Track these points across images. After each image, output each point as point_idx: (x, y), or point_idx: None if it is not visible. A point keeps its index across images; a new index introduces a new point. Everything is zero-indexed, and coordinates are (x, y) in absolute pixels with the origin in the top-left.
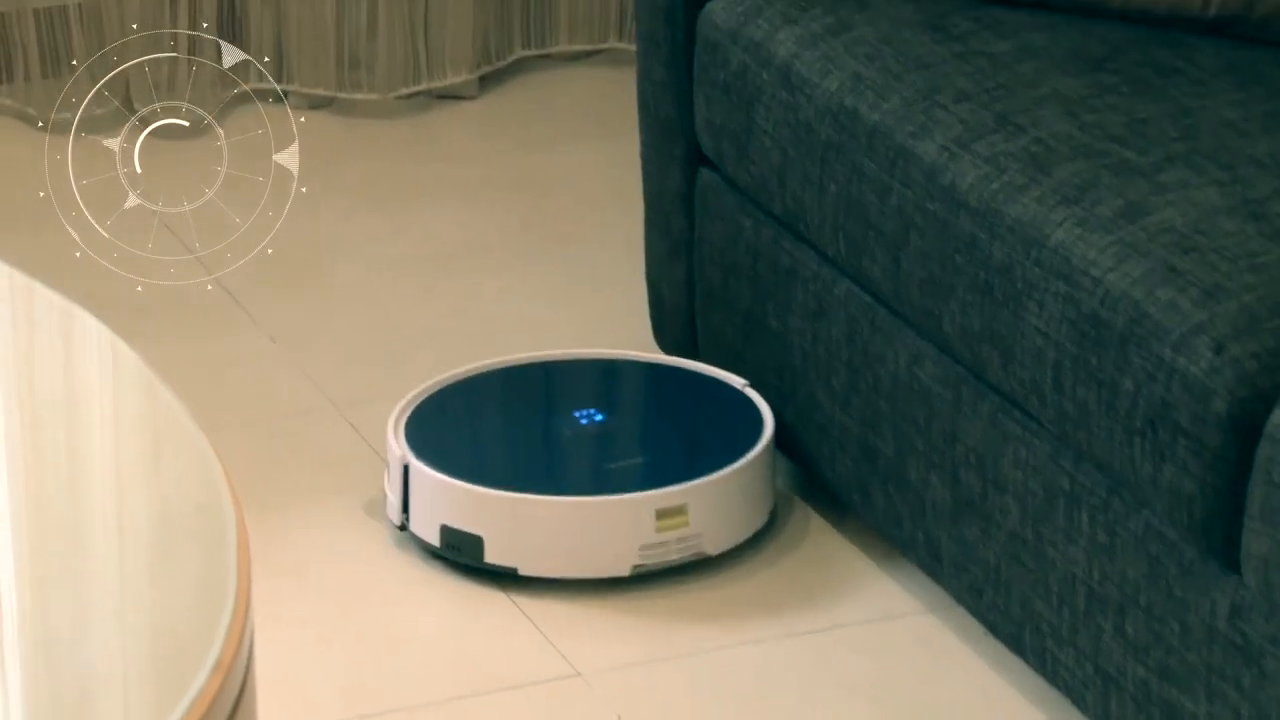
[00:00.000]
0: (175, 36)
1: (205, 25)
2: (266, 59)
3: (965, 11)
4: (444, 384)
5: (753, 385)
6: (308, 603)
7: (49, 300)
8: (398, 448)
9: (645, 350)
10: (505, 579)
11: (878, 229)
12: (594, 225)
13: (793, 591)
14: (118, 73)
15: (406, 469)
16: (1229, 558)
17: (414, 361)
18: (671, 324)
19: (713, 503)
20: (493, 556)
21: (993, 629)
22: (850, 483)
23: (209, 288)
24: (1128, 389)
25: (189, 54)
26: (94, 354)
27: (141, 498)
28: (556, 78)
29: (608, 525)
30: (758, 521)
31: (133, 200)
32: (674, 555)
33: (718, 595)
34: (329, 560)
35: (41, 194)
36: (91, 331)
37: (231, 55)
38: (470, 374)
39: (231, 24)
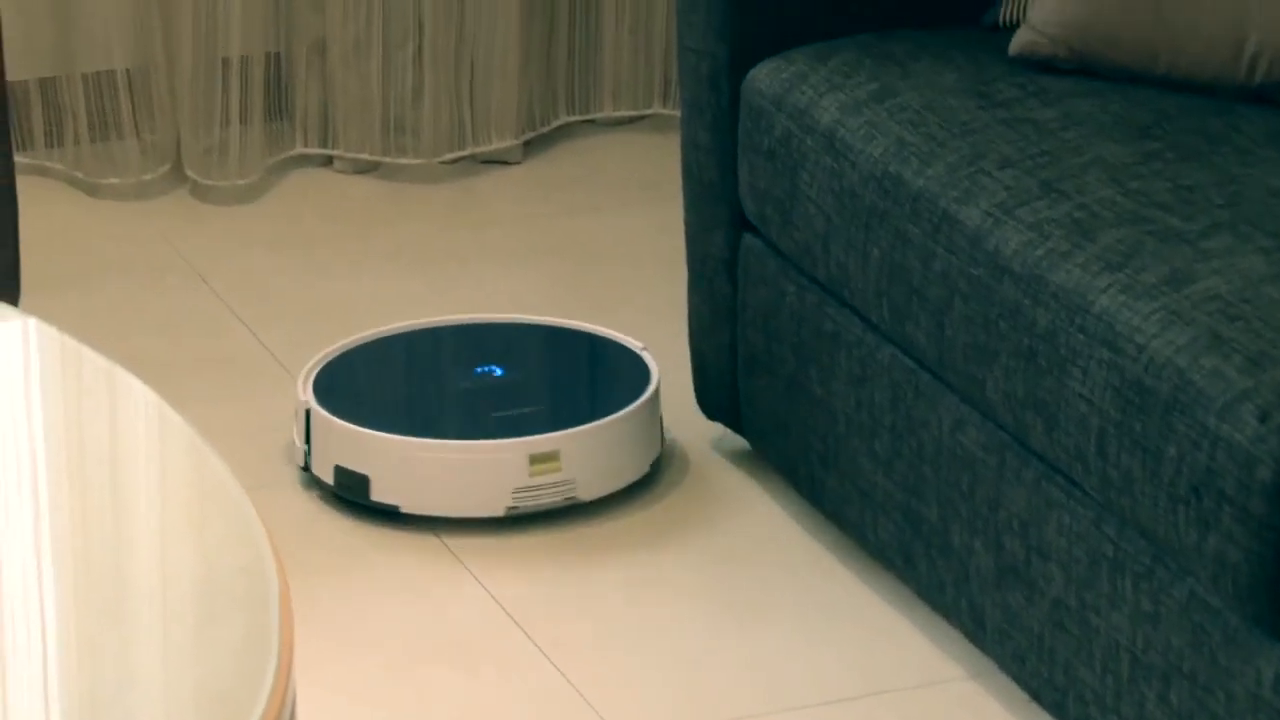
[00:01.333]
0: (224, 101)
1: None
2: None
3: (1010, 78)
4: (356, 343)
5: (796, 450)
6: (350, 663)
7: (95, 363)
8: (303, 395)
9: (693, 420)
10: (392, 516)
11: (921, 295)
12: (637, 290)
13: (835, 652)
14: (166, 137)
15: (308, 414)
16: (1274, 626)
17: None
18: (714, 389)
19: (586, 450)
20: (378, 495)
21: (1036, 696)
22: (893, 548)
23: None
24: (1172, 456)
25: (237, 119)
26: (139, 416)
27: (185, 559)
28: (600, 143)
29: (483, 468)
30: (634, 472)
31: (180, 264)
32: (547, 499)
33: (748, 654)
34: (370, 622)
35: (89, 256)
36: (137, 393)
37: (279, 120)
38: (381, 334)
39: (279, 89)
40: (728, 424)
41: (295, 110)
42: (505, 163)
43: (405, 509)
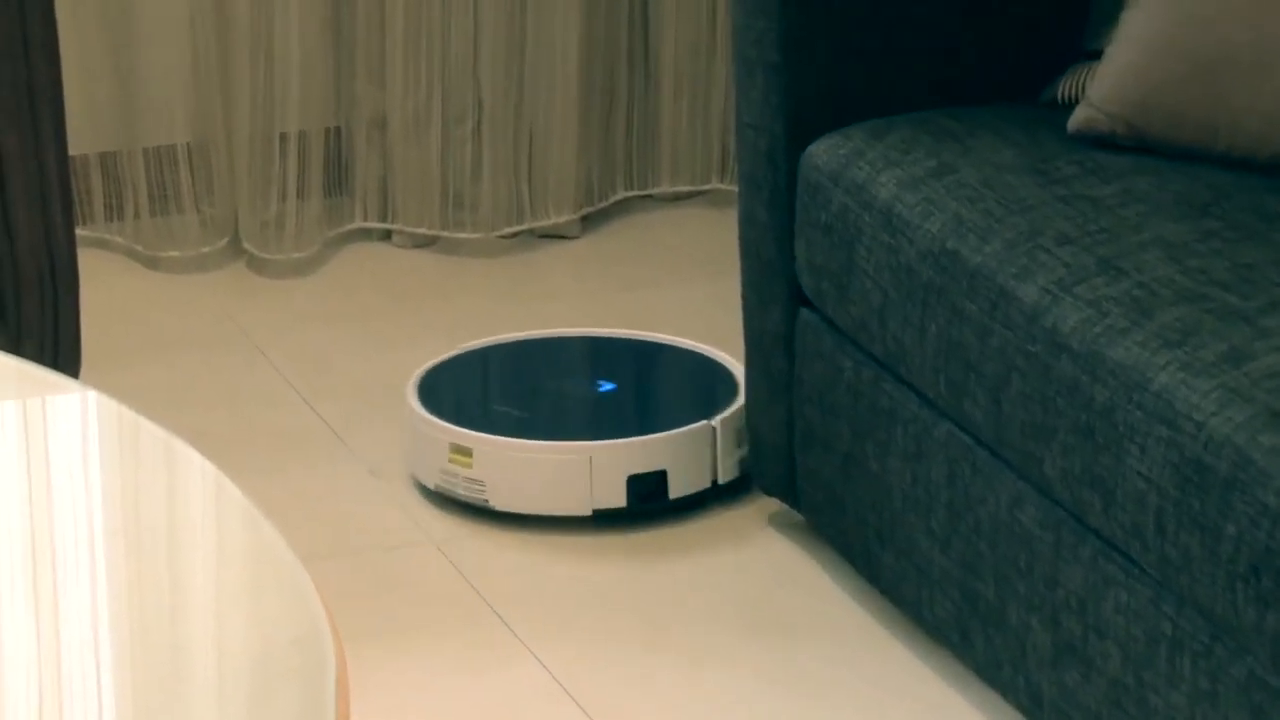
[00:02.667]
0: (282, 175)
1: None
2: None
3: (1068, 155)
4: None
5: (852, 526)
6: None
7: (153, 434)
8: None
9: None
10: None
11: (978, 371)
12: None
13: None
14: (225, 211)
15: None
16: None
17: None
18: (771, 463)
19: (494, 459)
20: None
21: None
22: (950, 625)
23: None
24: (1230, 534)
25: (295, 193)
26: (196, 487)
27: (242, 630)
28: (658, 218)
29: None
30: (539, 503)
31: (238, 336)
32: (461, 491)
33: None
34: (425, 693)
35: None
36: (194, 465)
37: (338, 195)
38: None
39: (339, 163)
40: (784, 498)
41: (355, 184)
42: (563, 237)
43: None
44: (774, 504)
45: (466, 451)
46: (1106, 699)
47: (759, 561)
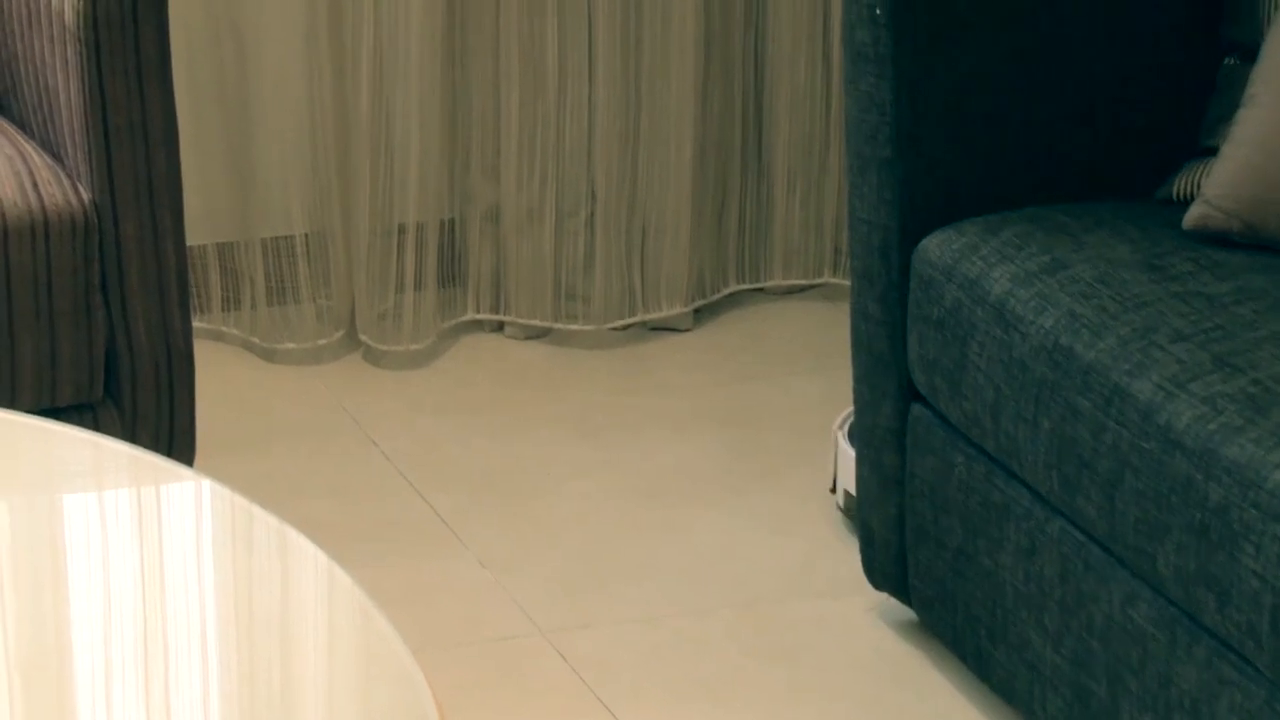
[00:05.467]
0: (399, 267)
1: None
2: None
3: (1183, 252)
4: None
5: (963, 622)
6: None
7: (266, 523)
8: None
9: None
10: None
11: (1092, 468)
12: (805, 459)
13: None
14: (341, 302)
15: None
16: None
17: (621, 592)
18: (882, 558)
19: None
20: None
21: None
22: None
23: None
24: None
25: (411, 285)
26: (309, 577)
27: None
28: (770, 311)
29: None
30: None
31: (352, 427)
32: None
33: None
34: None
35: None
36: (307, 554)
37: (452, 286)
38: None
39: (453, 255)
40: (894, 593)
41: (468, 276)
42: (675, 330)
43: None
44: (884, 599)
45: None
46: None
47: (870, 657)
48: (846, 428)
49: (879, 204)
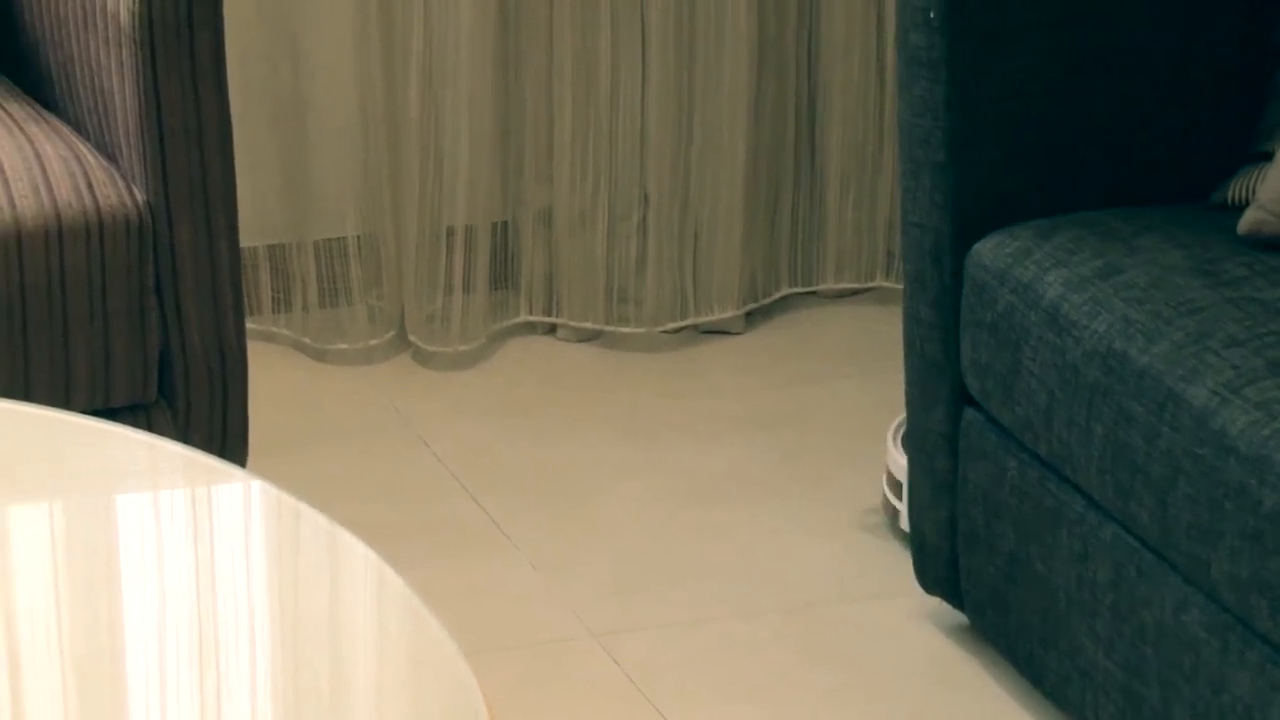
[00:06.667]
0: (449, 269)
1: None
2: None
3: (1237, 257)
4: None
5: (1015, 627)
6: None
7: (316, 523)
8: (899, 456)
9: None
10: None
11: (1145, 473)
12: (855, 462)
13: None
14: (392, 304)
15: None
16: None
17: (671, 595)
18: (933, 562)
19: None
20: None
21: None
22: None
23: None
24: None
25: (461, 286)
26: (359, 577)
27: None
28: (822, 315)
29: None
30: None
31: (402, 428)
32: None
33: None
34: None
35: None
36: (358, 555)
37: (503, 288)
38: None
39: (504, 257)
40: (946, 598)
41: (520, 279)
42: (727, 333)
43: None
44: (935, 603)
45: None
46: None
47: (921, 661)
48: (900, 436)
49: (931, 208)
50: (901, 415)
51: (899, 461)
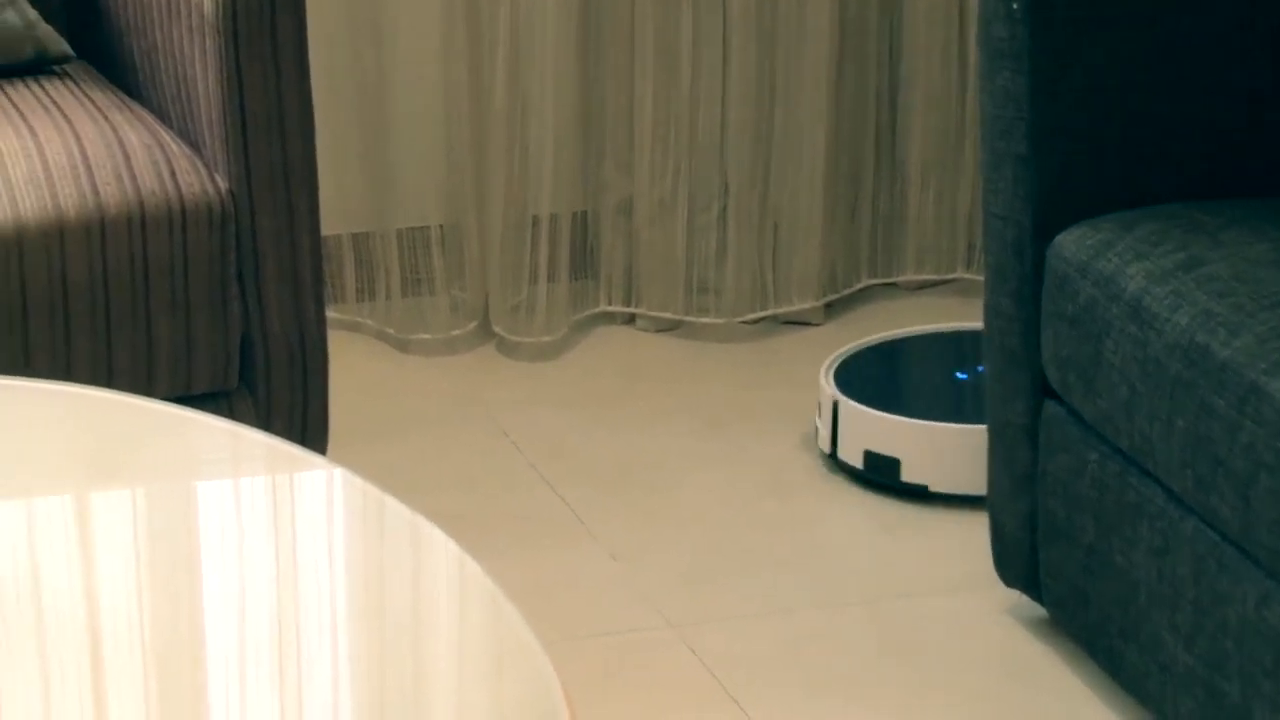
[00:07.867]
0: (532, 259)
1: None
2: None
3: None
4: (859, 347)
5: (1095, 620)
6: None
7: (398, 513)
8: (829, 389)
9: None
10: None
11: (1227, 467)
12: None
13: None
14: (475, 294)
15: (836, 405)
16: None
17: (750, 586)
18: (1013, 556)
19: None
20: (908, 476)
21: None
22: None
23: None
24: None
25: (544, 276)
26: (440, 567)
27: (482, 714)
28: (902, 306)
29: None
30: None
31: (484, 418)
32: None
33: None
34: None
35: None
36: (438, 544)
37: (584, 279)
38: (883, 340)
39: (585, 248)
40: (1026, 591)
41: (600, 269)
42: (806, 324)
43: (934, 488)
44: (1015, 596)
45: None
46: None
47: (1000, 654)
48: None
49: (1013, 200)
50: (830, 357)
51: (828, 394)
